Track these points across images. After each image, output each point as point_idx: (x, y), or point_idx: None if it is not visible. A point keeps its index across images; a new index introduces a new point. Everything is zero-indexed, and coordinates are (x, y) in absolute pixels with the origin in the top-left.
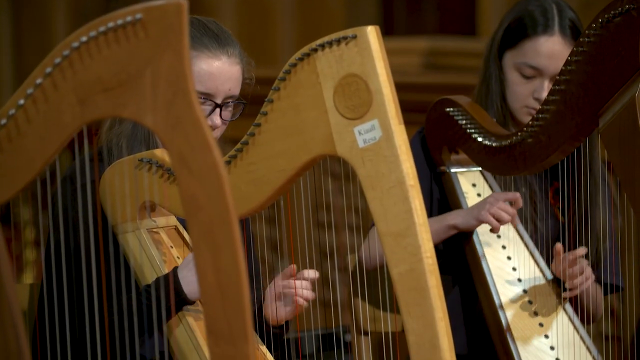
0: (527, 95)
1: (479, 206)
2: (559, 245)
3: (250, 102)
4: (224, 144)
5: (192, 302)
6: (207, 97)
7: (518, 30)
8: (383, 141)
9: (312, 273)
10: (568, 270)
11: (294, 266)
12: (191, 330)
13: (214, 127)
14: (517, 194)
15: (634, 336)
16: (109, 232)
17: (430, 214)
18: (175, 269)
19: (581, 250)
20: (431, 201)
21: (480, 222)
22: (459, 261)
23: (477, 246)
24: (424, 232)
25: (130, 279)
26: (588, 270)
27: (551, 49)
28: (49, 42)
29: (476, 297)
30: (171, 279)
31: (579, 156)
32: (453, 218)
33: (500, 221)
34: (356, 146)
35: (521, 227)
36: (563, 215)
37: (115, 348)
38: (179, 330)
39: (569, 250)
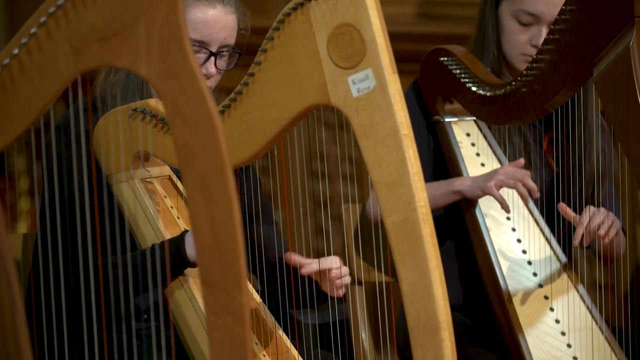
0: (525, 42)
1: (487, 176)
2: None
3: (244, 52)
4: (218, 94)
5: (195, 266)
6: (201, 45)
7: None
8: (377, 90)
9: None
10: (591, 227)
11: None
12: (185, 281)
13: (208, 76)
14: (521, 162)
15: (627, 285)
16: (103, 182)
17: (426, 164)
18: (184, 233)
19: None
20: (426, 151)
21: (485, 194)
22: (454, 213)
23: (476, 206)
24: (418, 181)
25: (124, 229)
26: (610, 218)
27: None
28: None
29: (471, 248)
30: (167, 246)
31: (573, 105)
32: (460, 184)
33: (505, 186)
34: (350, 95)
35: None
36: (557, 165)
37: (110, 301)
38: (173, 282)
39: (564, 198)
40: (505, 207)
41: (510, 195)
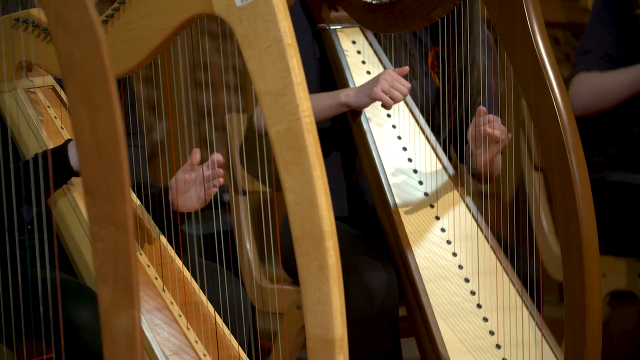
0: None
1: (371, 83)
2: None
3: None
4: (102, 4)
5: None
6: None
7: None
8: (260, 0)
9: (219, 157)
10: (489, 129)
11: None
12: (69, 191)
13: None
14: (406, 69)
15: (512, 194)
16: None
17: (313, 73)
18: (68, 142)
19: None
20: (313, 60)
21: (373, 99)
22: (341, 124)
23: (362, 115)
24: (302, 90)
25: (7, 138)
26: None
27: None
28: None
29: (358, 160)
30: (49, 155)
31: (459, 16)
32: (346, 95)
33: (394, 100)
34: (233, 5)
35: (408, 98)
36: (440, 79)
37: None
38: (56, 192)
39: (447, 111)
40: (388, 106)
41: (399, 109)
